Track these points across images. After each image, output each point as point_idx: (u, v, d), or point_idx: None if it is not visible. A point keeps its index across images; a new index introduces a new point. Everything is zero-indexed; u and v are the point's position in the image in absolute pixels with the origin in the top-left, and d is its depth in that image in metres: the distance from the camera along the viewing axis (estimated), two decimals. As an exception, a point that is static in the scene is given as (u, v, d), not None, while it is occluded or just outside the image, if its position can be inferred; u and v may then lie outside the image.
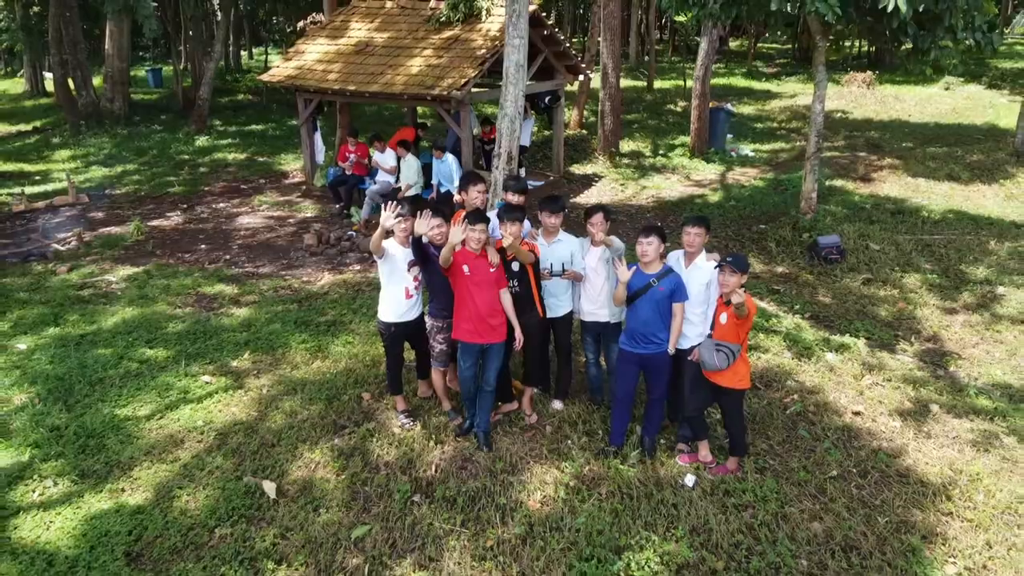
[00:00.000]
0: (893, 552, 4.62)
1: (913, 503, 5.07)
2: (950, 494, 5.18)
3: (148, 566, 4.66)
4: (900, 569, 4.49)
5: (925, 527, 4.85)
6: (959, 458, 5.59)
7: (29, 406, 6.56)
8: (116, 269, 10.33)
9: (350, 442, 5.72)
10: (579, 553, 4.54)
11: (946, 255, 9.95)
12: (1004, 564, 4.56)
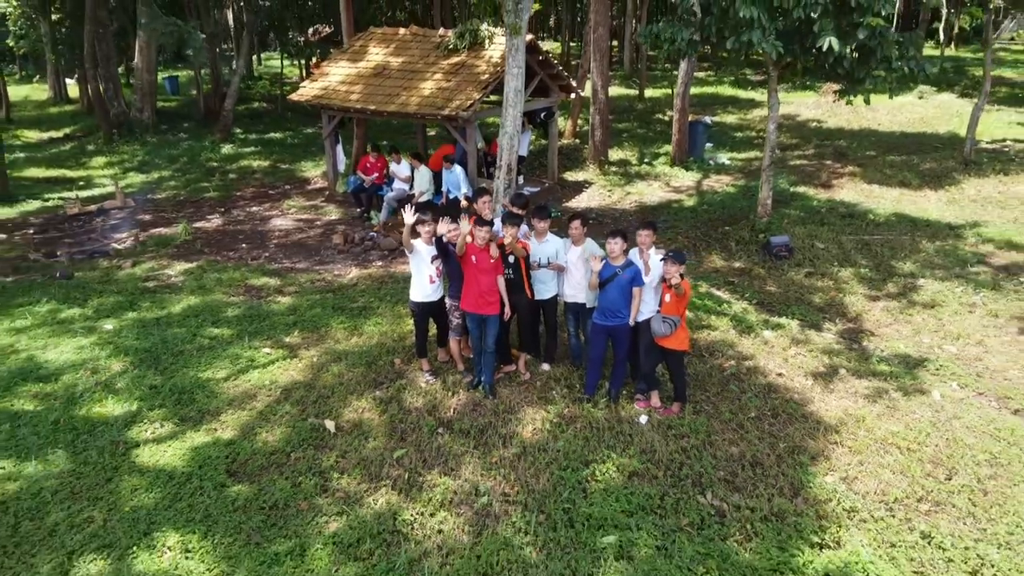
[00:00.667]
0: (788, 466, 6.37)
1: (809, 435, 6.81)
2: (839, 430, 6.93)
3: (244, 478, 6.41)
4: (791, 477, 6.24)
5: (815, 451, 6.60)
6: (852, 406, 7.34)
7: (128, 371, 8.32)
8: (173, 265, 12.09)
9: (387, 394, 7.47)
10: (559, 465, 6.29)
11: (881, 252, 11.69)
12: (868, 475, 6.30)
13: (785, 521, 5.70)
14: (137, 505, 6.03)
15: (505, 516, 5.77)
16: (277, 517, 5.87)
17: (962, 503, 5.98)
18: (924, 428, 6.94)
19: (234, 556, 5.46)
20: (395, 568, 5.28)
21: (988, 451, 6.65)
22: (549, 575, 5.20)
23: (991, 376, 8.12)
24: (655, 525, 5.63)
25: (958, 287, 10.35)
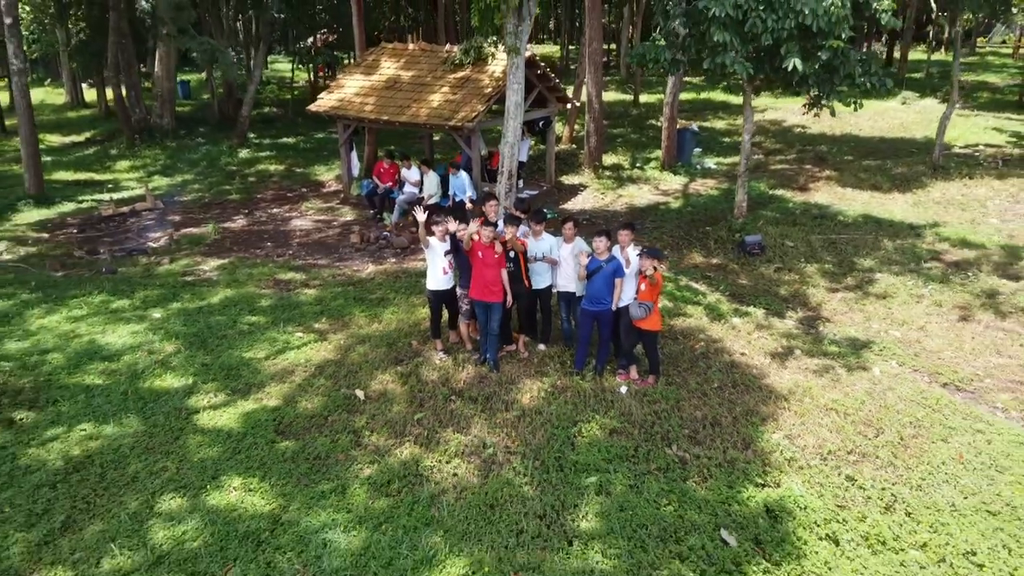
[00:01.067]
0: (742, 426, 7.66)
1: (762, 402, 8.10)
2: (788, 398, 8.22)
3: (290, 436, 7.70)
4: (744, 434, 7.53)
5: (766, 414, 7.89)
6: (802, 379, 8.63)
7: (180, 352, 9.61)
8: (206, 261, 13.39)
9: (407, 369, 8.76)
10: (551, 424, 7.58)
11: (845, 250, 12.98)
12: (809, 433, 7.59)
13: (735, 467, 7.00)
14: (203, 457, 7.33)
15: (507, 463, 7.07)
16: (320, 465, 7.17)
17: (885, 455, 7.28)
18: (861, 397, 8.24)
19: (288, 494, 6.76)
20: (419, 501, 6.57)
21: (913, 416, 7.94)
22: (543, 507, 6.49)
23: (927, 356, 9.42)
24: (629, 469, 6.93)
25: (910, 281, 11.64)
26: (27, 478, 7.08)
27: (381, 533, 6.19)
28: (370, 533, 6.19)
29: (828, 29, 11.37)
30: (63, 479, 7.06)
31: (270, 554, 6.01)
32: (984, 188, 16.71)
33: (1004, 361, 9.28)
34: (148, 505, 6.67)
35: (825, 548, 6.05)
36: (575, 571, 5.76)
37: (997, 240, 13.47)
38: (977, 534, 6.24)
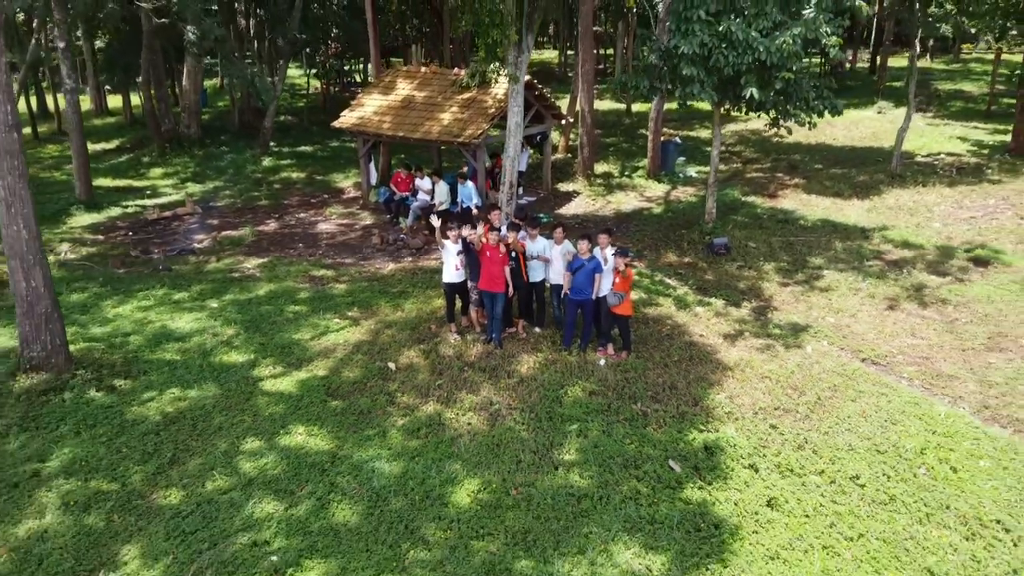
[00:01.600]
0: (693, 389, 9.73)
1: (712, 371, 10.18)
2: (733, 369, 10.28)
3: (339, 397, 9.77)
4: (694, 395, 9.59)
5: (714, 380, 9.96)
6: (747, 355, 10.69)
7: (239, 334, 11.68)
8: (248, 260, 15.47)
9: (428, 347, 10.84)
10: (543, 387, 9.66)
11: (800, 250, 15.05)
12: (746, 394, 9.67)
13: (685, 418, 9.08)
14: (272, 412, 9.41)
15: (509, 415, 9.15)
16: (364, 418, 9.25)
17: (803, 410, 9.35)
18: (791, 368, 10.31)
19: (341, 437, 8.84)
20: (442, 442, 8.65)
21: (832, 382, 10.02)
22: (536, 445, 8.57)
23: (853, 337, 11.49)
24: (602, 419, 9.00)
25: (851, 276, 13.71)
26: (135, 428, 9.17)
27: (415, 463, 8.28)
28: (407, 463, 8.28)
29: (781, 63, 13.44)
30: (164, 428, 9.14)
31: (332, 477, 8.10)
32: (934, 195, 18.76)
33: (916, 342, 11.35)
34: (235, 446, 8.75)
35: (746, 473, 8.13)
36: (559, 487, 7.84)
37: (935, 241, 15.54)
38: (865, 465, 8.31)
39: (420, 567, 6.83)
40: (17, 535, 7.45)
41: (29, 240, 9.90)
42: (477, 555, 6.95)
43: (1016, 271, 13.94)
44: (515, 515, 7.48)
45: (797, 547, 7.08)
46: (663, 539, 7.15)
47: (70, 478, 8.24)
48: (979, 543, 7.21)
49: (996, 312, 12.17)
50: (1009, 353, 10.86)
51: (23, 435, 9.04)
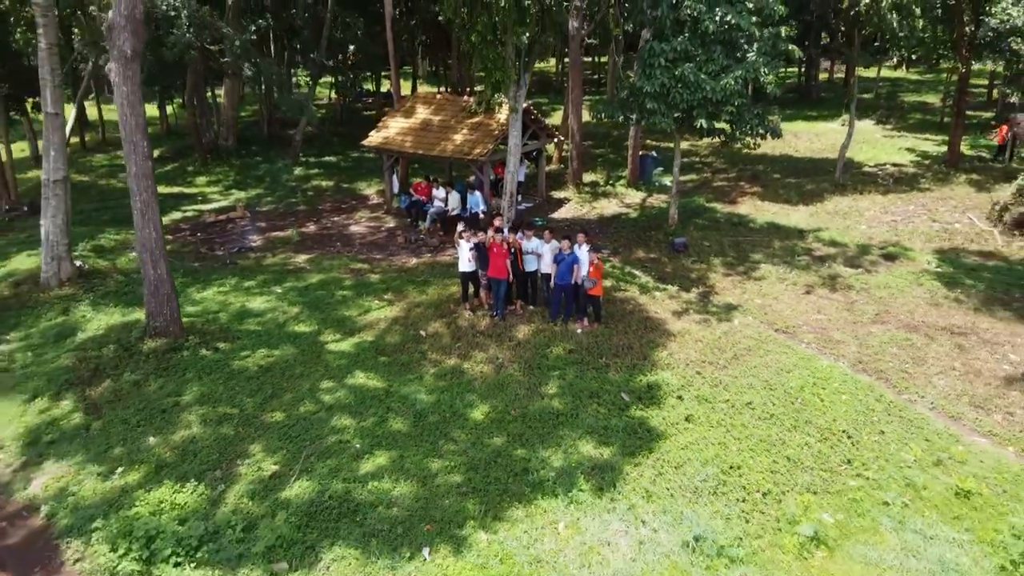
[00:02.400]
0: (645, 348, 13.35)
1: (660, 337, 13.79)
2: (676, 335, 13.89)
3: (385, 354, 13.41)
4: (645, 352, 13.21)
5: (660, 343, 13.57)
6: (688, 326, 14.30)
7: (302, 312, 15.30)
8: (297, 256, 19.09)
9: (448, 320, 14.47)
10: (534, 348, 13.30)
11: (745, 248, 18.64)
12: (684, 352, 13.28)
13: (635, 367, 12.70)
14: (338, 364, 13.03)
15: (509, 366, 12.78)
16: (405, 367, 12.87)
17: (722, 362, 12.96)
18: (719, 334, 13.92)
19: (390, 379, 12.46)
20: (462, 383, 12.28)
21: (747, 345, 13.62)
22: (528, 384, 12.19)
23: (772, 313, 15.08)
24: (576, 368, 12.63)
25: (782, 269, 17.32)
26: (240, 375, 12.79)
27: (444, 395, 11.91)
28: (438, 395, 11.91)
29: (725, 99, 17.05)
30: (261, 375, 12.77)
31: (387, 403, 11.73)
32: (867, 202, 22.39)
33: (820, 317, 14.95)
34: (315, 385, 12.38)
35: (674, 400, 11.75)
36: (543, 409, 11.47)
37: (857, 241, 19.15)
38: (758, 397, 11.92)
39: (451, 455, 10.46)
40: (174, 440, 11.08)
41: (156, 239, 13.52)
42: (488, 447, 10.58)
43: (916, 265, 17.58)
44: (513, 425, 11.11)
45: (701, 444, 10.71)
46: (612, 439, 10.78)
47: (202, 406, 11.88)
48: (827, 443, 10.83)
49: (887, 296, 15.79)
50: (888, 326, 14.48)
51: (159, 379, 12.69)
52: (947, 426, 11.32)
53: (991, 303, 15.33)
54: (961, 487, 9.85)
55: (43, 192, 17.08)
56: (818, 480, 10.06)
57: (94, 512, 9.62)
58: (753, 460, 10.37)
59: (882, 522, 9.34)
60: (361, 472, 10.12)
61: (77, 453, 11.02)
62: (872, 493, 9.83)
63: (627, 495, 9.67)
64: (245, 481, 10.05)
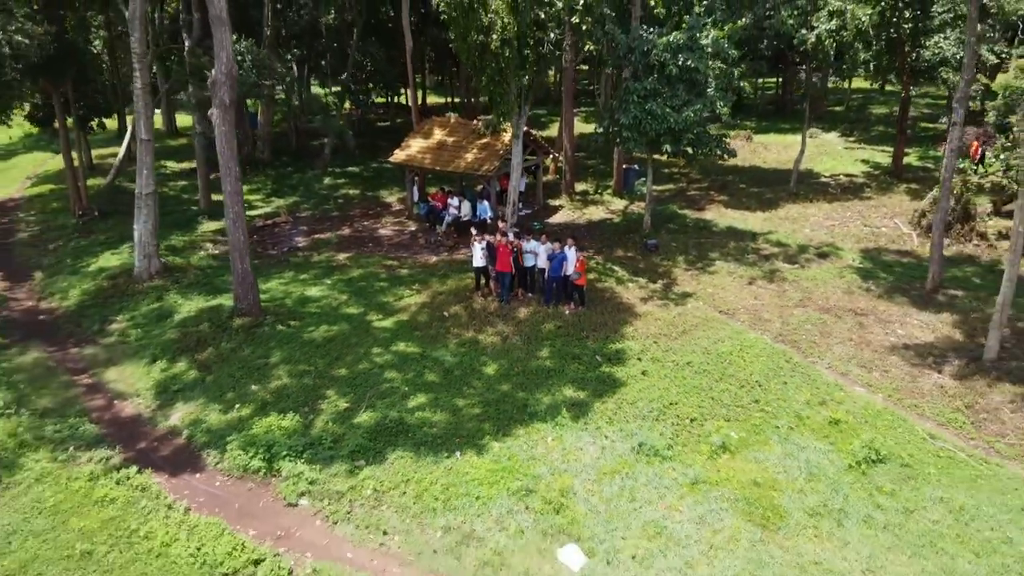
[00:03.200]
0: (617, 324, 17.60)
1: (629, 317, 18.04)
2: (642, 315, 18.14)
3: (418, 330, 17.67)
4: (616, 327, 17.47)
5: (629, 321, 17.82)
6: (651, 309, 18.55)
7: (350, 299, 19.56)
8: (338, 254, 23.35)
9: (465, 304, 18.73)
10: (532, 324, 17.57)
11: (705, 248, 22.87)
12: (646, 327, 17.54)
13: (608, 338, 16.95)
14: (383, 336, 17.31)
15: (512, 338, 17.03)
16: (434, 339, 17.14)
17: (674, 335, 17.20)
18: (675, 315, 18.15)
19: (423, 346, 16.73)
20: (477, 349, 16.54)
21: (695, 323, 17.85)
22: (527, 350, 16.45)
23: (718, 299, 19.31)
24: (563, 339, 16.89)
25: (732, 265, 21.53)
26: (310, 343, 17.06)
27: (464, 358, 16.18)
28: (460, 357, 16.18)
29: (686, 128, 21.25)
30: (326, 343, 17.03)
31: (422, 363, 16.00)
32: (815, 208, 26.60)
33: (756, 303, 19.17)
34: (368, 351, 16.65)
35: (634, 361, 16.00)
36: (538, 366, 15.73)
37: (799, 242, 23.36)
38: (695, 358, 16.14)
39: (471, 395, 14.72)
40: (270, 387, 15.35)
41: (243, 242, 17.78)
42: (498, 391, 14.85)
43: (843, 261, 21.79)
44: (516, 378, 15.38)
45: (650, 389, 14.96)
46: (587, 386, 15.03)
47: (286, 365, 16.14)
48: (743, 390, 15.08)
49: (812, 286, 20.02)
50: (807, 308, 18.70)
51: (250, 347, 16.95)
52: (836, 380, 15.55)
53: (893, 291, 19.56)
54: (834, 417, 14.10)
55: (136, 203, 21.35)
56: (731, 413, 14.33)
57: (224, 432, 13.90)
58: (686, 399, 14.63)
59: (772, 438, 13.60)
60: (408, 406, 14.39)
61: (199, 397, 15.31)
62: (768, 421, 14.09)
63: (595, 420, 13.94)
64: (327, 413, 14.33)
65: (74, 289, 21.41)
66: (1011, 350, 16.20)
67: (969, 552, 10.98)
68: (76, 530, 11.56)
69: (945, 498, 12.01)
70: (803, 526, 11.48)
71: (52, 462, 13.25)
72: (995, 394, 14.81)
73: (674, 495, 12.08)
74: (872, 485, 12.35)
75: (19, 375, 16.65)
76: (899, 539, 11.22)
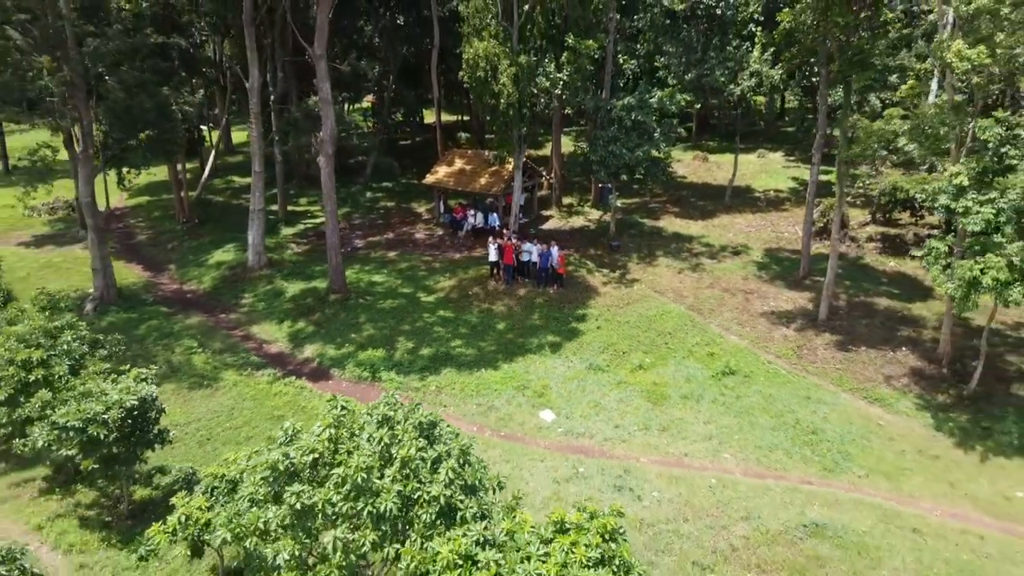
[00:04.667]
0: (583, 300, 27.07)
1: (593, 295, 27.51)
2: (601, 294, 27.61)
3: (452, 303, 27.16)
4: (583, 302, 26.94)
5: (592, 298, 27.29)
6: (609, 290, 28.00)
7: (402, 283, 29.05)
8: (388, 252, 32.86)
9: (482, 287, 28.21)
10: (527, 299, 27.08)
11: (653, 247, 32.30)
12: (602, 302, 27.02)
13: (577, 307, 26.42)
14: (429, 306, 26.83)
15: (515, 308, 26.51)
16: (463, 309, 26.64)
17: (622, 306, 26.66)
18: (624, 294, 27.61)
19: (456, 313, 26.24)
20: (492, 314, 26.03)
21: (637, 298, 27.30)
22: (524, 315, 25.92)
23: (655, 284, 28.74)
24: (548, 308, 26.37)
25: (670, 260, 30.96)
26: (381, 310, 26.59)
27: (483, 319, 25.69)
28: (480, 319, 25.72)
29: (638, 164, 30.67)
30: (392, 311, 26.56)
31: (456, 322, 25.53)
32: (741, 218, 36.03)
33: (680, 285, 28.59)
34: (421, 315, 26.18)
35: (593, 321, 25.48)
36: (531, 324, 25.23)
37: (722, 243, 32.79)
38: (633, 319, 25.61)
39: (489, 340, 24.22)
40: (363, 335, 24.86)
41: (337, 243, 27.25)
42: (506, 338, 24.37)
43: (750, 258, 31.26)
44: (517, 331, 24.88)
45: (601, 337, 24.43)
46: (562, 335, 24.50)
47: (370, 323, 25.65)
48: (660, 337, 24.55)
49: (722, 274, 29.47)
50: (714, 289, 28.15)
51: (343, 313, 26.47)
52: (720, 332, 24.99)
53: (776, 278, 29.01)
54: (711, 352, 23.57)
55: (250, 216, 30.81)
56: (648, 349, 23.81)
57: (341, 359, 23.41)
58: (622, 342, 24.12)
59: (670, 362, 23.06)
60: (451, 346, 23.90)
61: (319, 341, 24.80)
62: (671, 354, 23.56)
63: (565, 353, 23.44)
64: (400, 350, 23.82)
65: (206, 276, 30.91)
66: (839, 315, 25.66)
67: (768, 416, 20.41)
68: (269, 406, 21.02)
69: (762, 391, 21.45)
70: (677, 403, 20.94)
71: (239, 376, 22.71)
72: (818, 340, 24.26)
73: (607, 389, 21.54)
74: (722, 384, 21.79)
75: (192, 331, 26.09)
76: (729, 409, 20.67)
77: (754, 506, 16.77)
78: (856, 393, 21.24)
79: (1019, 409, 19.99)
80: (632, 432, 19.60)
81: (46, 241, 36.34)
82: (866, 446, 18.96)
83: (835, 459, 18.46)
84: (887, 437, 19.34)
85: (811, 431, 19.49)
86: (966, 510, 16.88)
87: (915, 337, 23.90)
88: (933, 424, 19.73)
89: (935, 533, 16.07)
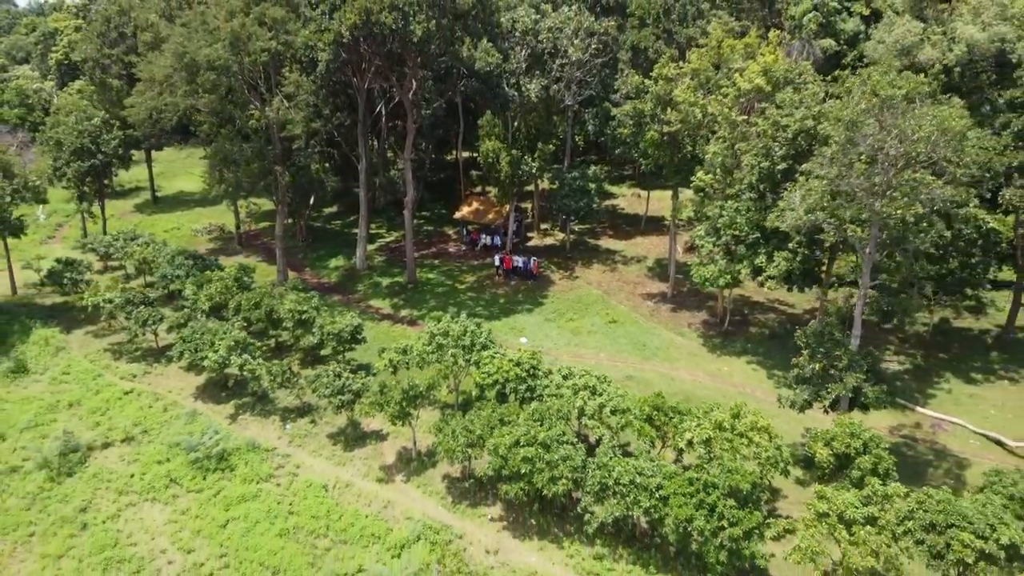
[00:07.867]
0: (547, 289, 52.28)
1: (552, 286, 52.70)
2: (558, 286, 52.76)
3: (473, 290, 52.40)
4: (547, 290, 52.11)
5: (552, 288, 52.50)
6: (564, 283, 53.16)
7: (443, 282, 54.25)
8: (434, 260, 58.09)
9: (492, 281, 53.40)
10: (517, 288, 52.32)
11: (591, 258, 57.39)
12: (559, 292, 52.30)
13: (541, 294, 51.63)
14: (462, 291, 52.11)
15: (513, 294, 51.72)
16: (480, 293, 51.96)
17: (569, 291, 51.83)
18: (571, 285, 52.74)
19: (473, 296, 51.54)
20: (495, 295, 51.29)
21: (578, 287, 52.45)
22: (515, 298, 51.16)
23: (591, 280, 53.85)
24: (527, 293, 51.61)
25: (600, 265, 56.04)
26: (438, 294, 52.01)
27: (493, 298, 51.01)
28: (490, 297, 51.00)
29: (580, 209, 55.71)
30: (443, 293, 51.93)
31: (477, 300, 50.85)
32: (651, 239, 61.16)
33: (603, 280, 53.69)
34: (457, 297, 51.48)
35: (551, 300, 50.73)
36: (519, 300, 50.52)
37: (633, 254, 57.95)
38: (573, 299, 50.82)
39: (493, 308, 49.45)
40: (430, 304, 50.17)
41: (413, 255, 52.52)
42: (504, 308, 49.67)
43: (646, 264, 56.52)
44: (509, 304, 50.15)
45: (555, 308, 49.69)
46: (534, 308, 49.74)
47: (433, 299, 51.01)
48: (582, 307, 49.82)
49: (627, 274, 54.76)
50: (620, 282, 53.38)
51: (416, 295, 51.88)
52: (615, 304, 50.21)
53: (656, 276, 54.20)
54: (608, 313, 48.85)
55: (359, 235, 56.08)
56: (577, 314, 49.15)
57: (421, 316, 48.77)
58: (564, 308, 49.50)
59: (586, 318, 48.29)
60: (475, 310, 49.20)
61: (408, 308, 50.15)
62: (589, 316, 48.79)
63: (534, 313, 48.81)
64: (450, 311, 49.10)
65: (331, 274, 56.14)
66: (679, 295, 50.90)
67: (626, 340, 45.57)
68: (392, 335, 46.26)
69: (627, 330, 46.60)
70: (585, 335, 46.12)
71: (373, 323, 47.88)
72: (663, 307, 49.54)
73: (552, 329, 46.73)
74: (608, 327, 46.94)
75: (337, 304, 51.12)
76: (607, 336, 45.81)
77: (607, 369, 41.90)
78: (671, 331, 46.48)
79: (745, 338, 45.20)
80: (560, 345, 44.74)
81: (216, 253, 61.55)
82: (665, 351, 44.14)
83: (649, 355, 43.64)
84: (677, 347, 44.56)
85: (643, 345, 44.71)
86: (699, 375, 42.01)
87: (712, 306, 49.12)
88: (701, 343, 44.99)
89: (682, 380, 41.25)
